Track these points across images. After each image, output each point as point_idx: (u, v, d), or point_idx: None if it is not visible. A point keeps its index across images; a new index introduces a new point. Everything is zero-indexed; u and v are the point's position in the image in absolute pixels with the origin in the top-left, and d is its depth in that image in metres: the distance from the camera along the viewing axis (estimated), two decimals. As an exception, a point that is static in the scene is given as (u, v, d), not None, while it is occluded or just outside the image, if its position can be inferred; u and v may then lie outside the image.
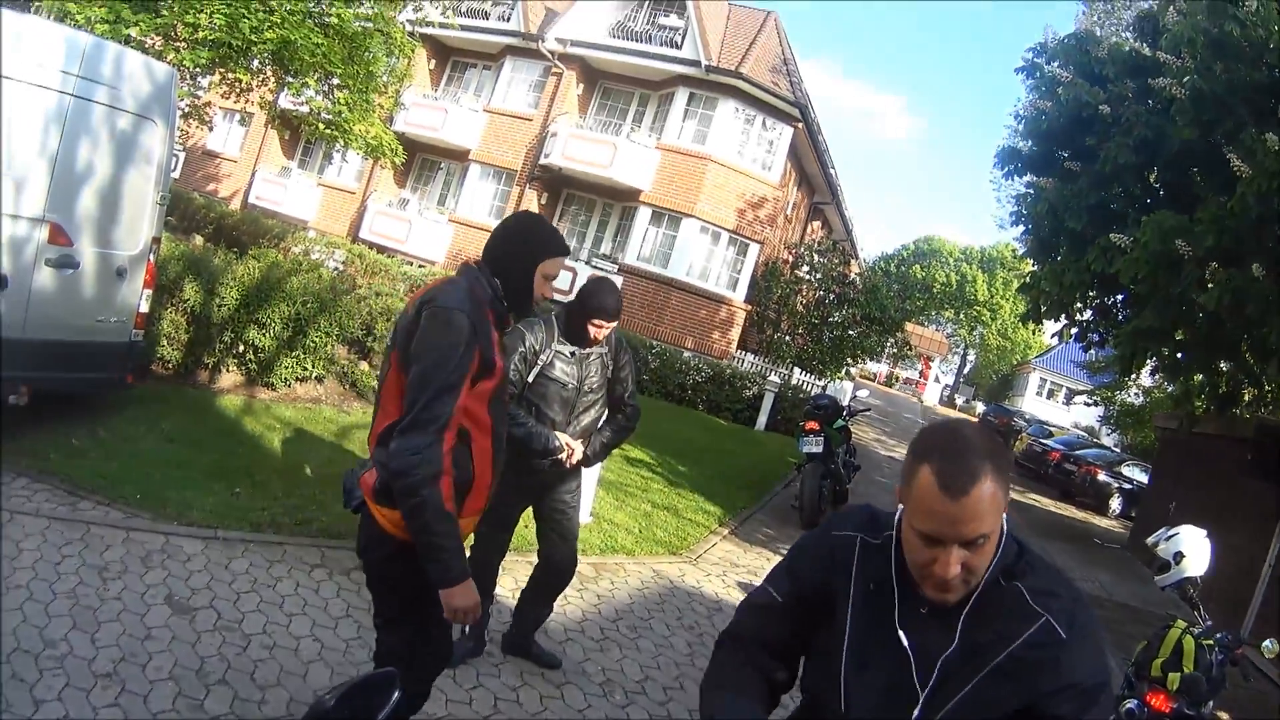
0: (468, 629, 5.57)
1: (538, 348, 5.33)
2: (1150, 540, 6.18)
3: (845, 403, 17.03)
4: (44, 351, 7.30)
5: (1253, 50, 10.71)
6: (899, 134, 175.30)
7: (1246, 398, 15.89)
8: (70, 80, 7.15)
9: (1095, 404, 39.50)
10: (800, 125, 28.88)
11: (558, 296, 3.69)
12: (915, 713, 2.20)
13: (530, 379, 5.34)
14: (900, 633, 2.23)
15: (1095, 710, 2.13)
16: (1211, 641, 5.58)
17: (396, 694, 2.23)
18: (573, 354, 5.45)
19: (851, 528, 2.44)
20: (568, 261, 7.15)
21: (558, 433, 5.39)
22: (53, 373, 7.50)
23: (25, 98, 6.88)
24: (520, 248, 3.72)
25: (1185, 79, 11.25)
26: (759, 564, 10.27)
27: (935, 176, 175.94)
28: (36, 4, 12.49)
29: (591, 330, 5.39)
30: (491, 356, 3.46)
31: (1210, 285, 10.45)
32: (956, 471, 2.03)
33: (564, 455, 5.42)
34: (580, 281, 26.62)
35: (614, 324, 5.50)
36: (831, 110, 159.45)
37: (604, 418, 5.87)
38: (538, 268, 3.70)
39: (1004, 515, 2.14)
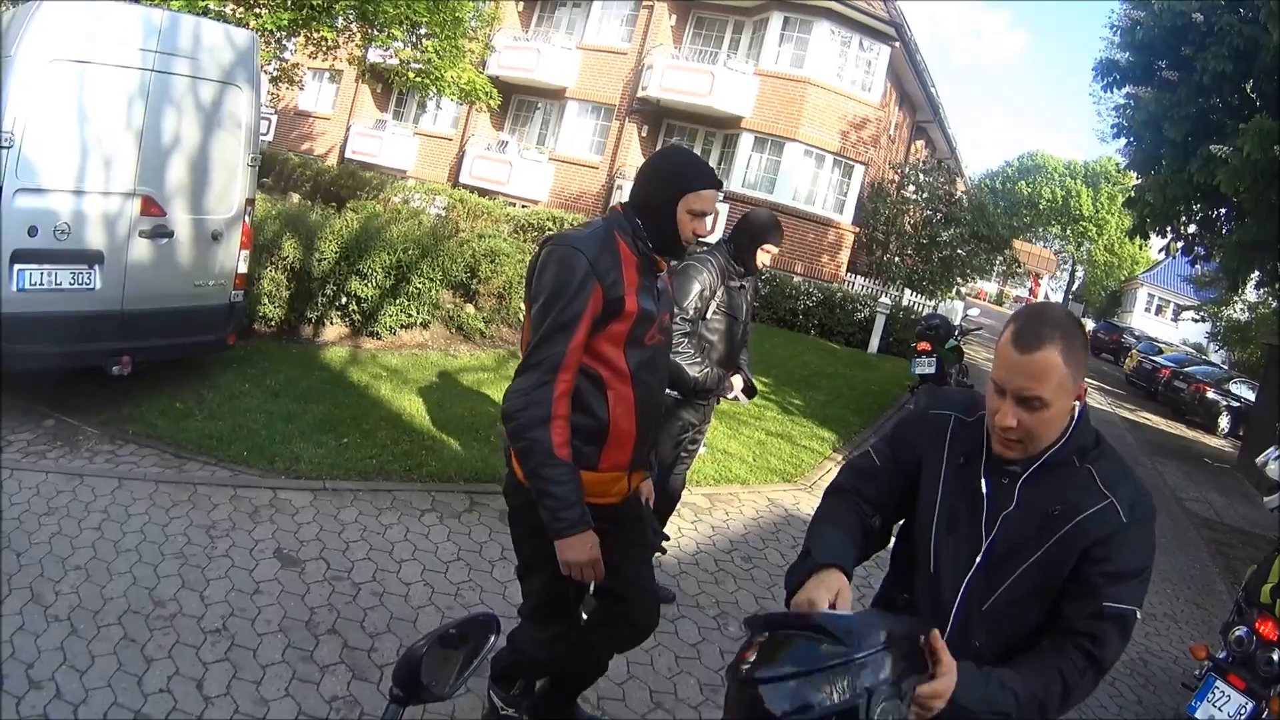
0: None
1: (713, 285, 5.34)
2: (1259, 460, 5.99)
3: (957, 322, 16.79)
4: (143, 321, 7.45)
5: None
6: (1003, 49, 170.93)
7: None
8: (150, 56, 7.24)
9: (1203, 319, 38.83)
10: (897, 44, 28.39)
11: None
12: (977, 560, 2.46)
13: (706, 315, 5.36)
14: (982, 480, 2.48)
15: (1120, 589, 2.33)
16: None
17: (493, 638, 2.27)
18: (739, 287, 5.52)
19: (948, 407, 2.67)
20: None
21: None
22: (154, 341, 7.64)
23: (107, 79, 6.99)
24: (660, 184, 3.47)
25: None
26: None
27: (1041, 90, 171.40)
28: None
29: (762, 256, 5.49)
30: (619, 296, 3.29)
31: None
32: (1028, 330, 2.27)
33: (727, 390, 5.54)
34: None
35: (779, 247, 5.63)
36: (938, 29, 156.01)
37: None
38: (679, 203, 3.43)
39: (1077, 401, 2.39)
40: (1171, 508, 13.63)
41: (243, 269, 8.39)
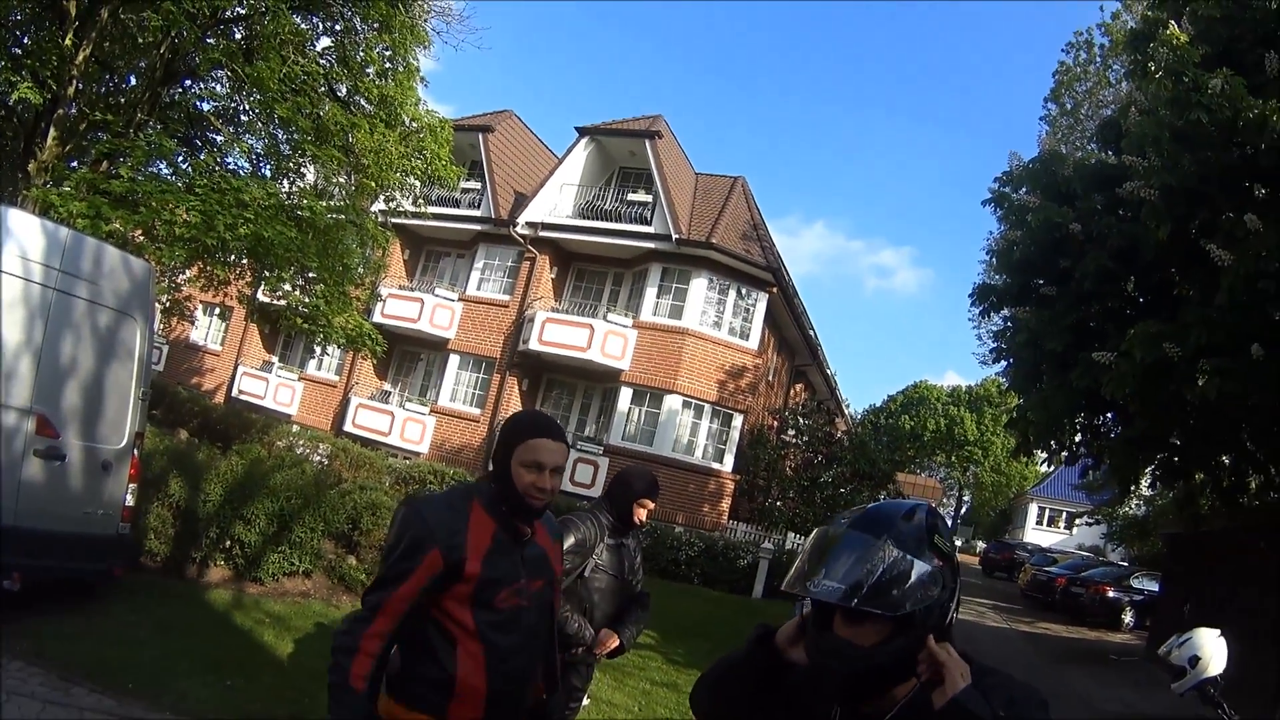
0: None
1: (590, 541, 5.33)
2: (1162, 650, 6.06)
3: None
4: (34, 540, 7.29)
5: (1220, 134, 10.72)
6: (907, 284, 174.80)
7: (1254, 486, 15.70)
8: (53, 274, 7.29)
9: (1097, 522, 39.36)
10: (775, 290, 28.90)
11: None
12: None
13: (586, 573, 5.33)
14: None
15: None
16: None
17: None
18: (617, 545, 5.52)
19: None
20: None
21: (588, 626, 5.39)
22: (43, 561, 7.46)
23: (11, 290, 6.97)
24: (500, 446, 3.54)
25: (1153, 180, 11.31)
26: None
27: (942, 321, 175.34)
28: (24, 194, 12.65)
29: (638, 512, 5.48)
30: (460, 559, 3.31)
31: (1202, 379, 10.36)
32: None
33: (598, 648, 5.42)
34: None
35: (655, 504, 5.59)
36: (842, 268, 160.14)
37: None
38: (512, 458, 3.44)
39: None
40: (1079, 714, 13.67)
41: (130, 502, 8.31)
